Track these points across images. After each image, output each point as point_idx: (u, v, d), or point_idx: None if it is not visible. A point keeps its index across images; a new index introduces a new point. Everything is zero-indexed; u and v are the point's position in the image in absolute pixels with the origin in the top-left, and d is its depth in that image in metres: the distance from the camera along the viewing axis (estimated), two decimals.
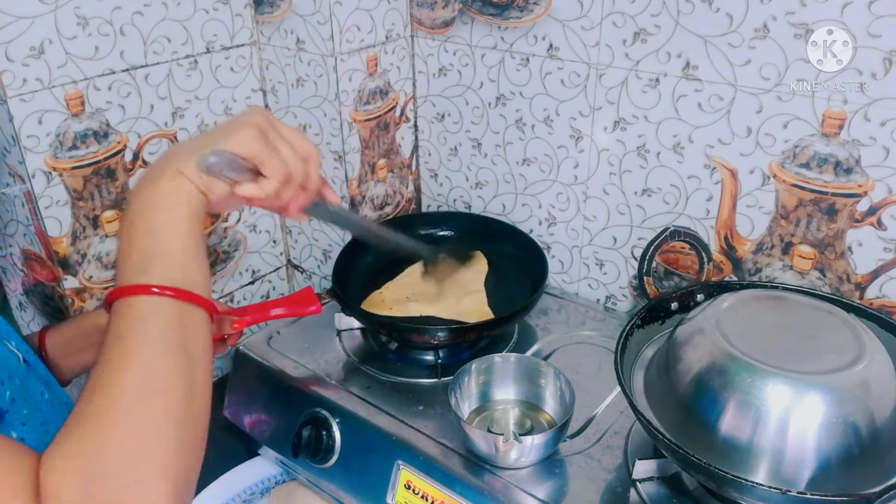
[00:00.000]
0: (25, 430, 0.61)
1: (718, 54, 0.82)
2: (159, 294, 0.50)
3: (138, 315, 0.50)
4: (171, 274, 0.51)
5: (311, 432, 0.85)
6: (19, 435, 0.60)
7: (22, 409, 0.61)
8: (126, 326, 0.50)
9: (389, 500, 0.79)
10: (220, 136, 0.55)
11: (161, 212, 0.53)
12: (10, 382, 0.61)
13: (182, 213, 0.53)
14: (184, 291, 0.51)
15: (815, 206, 0.81)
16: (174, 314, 0.51)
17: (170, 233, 0.53)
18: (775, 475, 0.62)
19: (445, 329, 0.88)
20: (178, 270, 0.52)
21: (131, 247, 0.52)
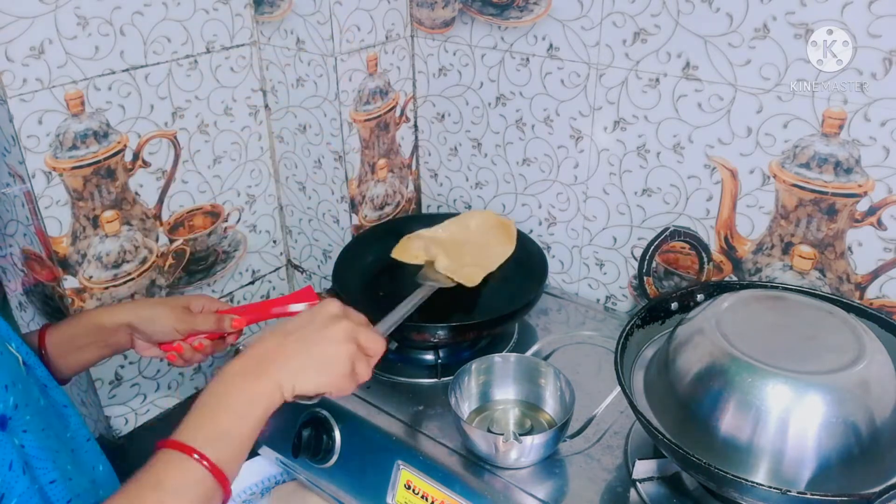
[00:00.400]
0: (27, 436, 0.61)
1: (718, 54, 0.82)
2: (210, 470, 0.56)
3: (188, 477, 0.56)
4: (225, 457, 0.58)
5: (311, 432, 0.85)
6: (20, 442, 0.60)
7: (25, 415, 0.61)
8: (174, 481, 0.55)
9: (389, 500, 0.79)
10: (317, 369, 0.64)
11: (250, 405, 0.60)
12: (13, 388, 0.61)
13: (262, 413, 0.61)
14: (224, 476, 0.58)
15: (815, 206, 0.81)
16: (208, 490, 0.57)
17: (247, 419, 0.60)
18: (775, 475, 0.62)
19: (445, 329, 0.88)
20: (234, 459, 0.59)
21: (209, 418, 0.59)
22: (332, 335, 0.65)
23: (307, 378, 0.63)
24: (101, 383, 1.03)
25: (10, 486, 0.57)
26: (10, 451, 0.58)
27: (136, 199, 1.00)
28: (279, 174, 1.20)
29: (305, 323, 0.66)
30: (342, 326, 0.66)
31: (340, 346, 0.65)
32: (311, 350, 0.64)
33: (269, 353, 0.64)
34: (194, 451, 0.56)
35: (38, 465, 0.61)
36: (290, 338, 0.65)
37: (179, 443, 0.57)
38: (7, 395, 0.59)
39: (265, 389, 0.61)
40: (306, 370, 0.63)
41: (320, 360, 0.64)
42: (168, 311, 0.80)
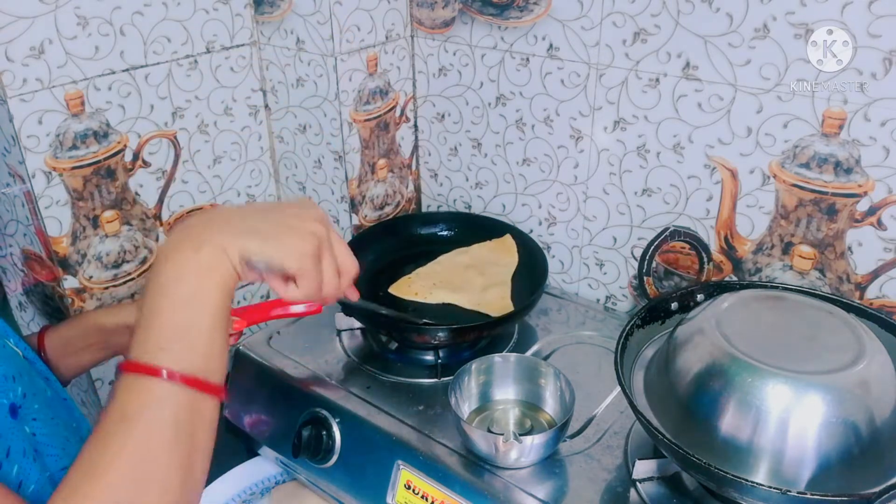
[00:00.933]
0: (37, 424, 0.61)
1: (718, 54, 0.82)
2: (179, 381, 0.48)
3: (150, 399, 0.47)
4: (191, 358, 0.48)
5: (311, 432, 0.85)
6: (31, 430, 0.61)
7: (33, 403, 0.62)
8: (134, 407, 0.47)
9: (389, 500, 0.79)
10: (273, 234, 0.53)
11: (195, 280, 0.50)
12: (20, 378, 0.61)
13: (216, 286, 0.51)
14: (201, 381, 0.48)
15: (815, 206, 0.81)
16: (186, 403, 0.48)
17: (200, 306, 0.50)
18: (775, 475, 0.62)
19: (445, 329, 0.88)
20: (200, 355, 0.49)
21: (156, 317, 0.49)
22: (300, 213, 0.56)
23: (261, 240, 0.52)
24: (101, 383, 1.03)
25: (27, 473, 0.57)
26: (22, 439, 0.58)
27: (136, 199, 1.00)
28: (279, 174, 1.20)
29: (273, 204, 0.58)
30: (316, 210, 0.58)
31: (305, 222, 0.55)
32: (272, 216, 0.54)
33: (208, 218, 0.53)
34: (150, 368, 0.47)
35: (48, 453, 0.62)
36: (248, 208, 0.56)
37: (130, 362, 0.48)
38: (15, 385, 0.60)
39: (208, 259, 0.50)
40: (260, 232, 0.53)
41: (281, 226, 0.54)
42: None
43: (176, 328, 0.49)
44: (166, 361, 0.48)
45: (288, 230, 0.54)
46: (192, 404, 0.48)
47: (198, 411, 0.49)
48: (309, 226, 0.55)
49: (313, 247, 0.55)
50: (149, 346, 0.48)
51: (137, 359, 0.48)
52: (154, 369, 0.47)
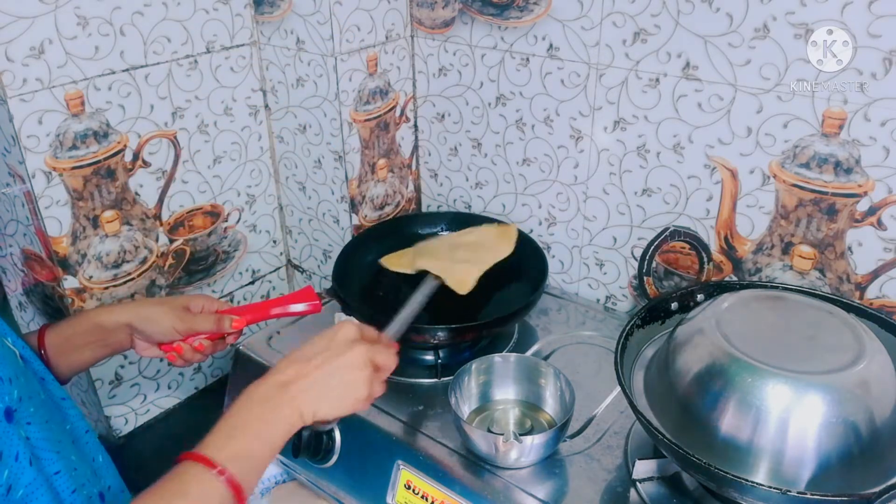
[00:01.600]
0: (31, 429, 0.61)
1: (718, 54, 0.82)
2: (229, 486, 0.58)
3: (210, 490, 0.58)
4: (246, 475, 0.60)
5: (311, 432, 0.85)
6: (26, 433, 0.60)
7: (29, 407, 0.62)
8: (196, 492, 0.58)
9: (389, 500, 0.79)
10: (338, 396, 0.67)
11: (274, 429, 0.64)
12: (17, 381, 0.61)
13: (282, 437, 0.64)
14: (242, 495, 0.59)
15: (815, 206, 0.81)
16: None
17: (269, 445, 0.63)
18: (775, 475, 0.62)
19: (445, 329, 0.88)
20: (253, 475, 0.62)
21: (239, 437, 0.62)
22: (350, 361, 0.67)
23: (327, 405, 0.66)
24: (101, 383, 1.03)
25: (17, 477, 0.58)
26: (16, 443, 0.58)
27: (136, 199, 1.00)
28: (279, 174, 1.20)
29: (323, 348, 0.68)
30: (359, 352, 0.68)
31: (358, 373, 0.67)
32: (330, 379, 0.66)
33: (291, 381, 0.66)
34: (219, 466, 0.58)
35: (43, 457, 0.62)
36: (310, 365, 0.66)
37: (205, 457, 0.59)
38: (11, 388, 0.60)
39: (286, 416, 0.64)
40: (326, 398, 0.66)
41: (340, 388, 0.67)
42: (168, 312, 0.80)
43: (248, 451, 0.61)
44: (234, 470, 0.59)
45: (346, 387, 0.67)
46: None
47: None
48: (360, 376, 0.67)
49: (367, 392, 0.68)
50: (223, 453, 0.60)
51: (213, 458, 0.59)
52: (222, 471, 0.58)
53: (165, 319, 0.79)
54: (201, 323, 0.81)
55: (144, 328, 0.80)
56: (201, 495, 0.58)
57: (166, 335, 0.80)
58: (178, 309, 0.81)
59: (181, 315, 0.80)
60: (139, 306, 0.82)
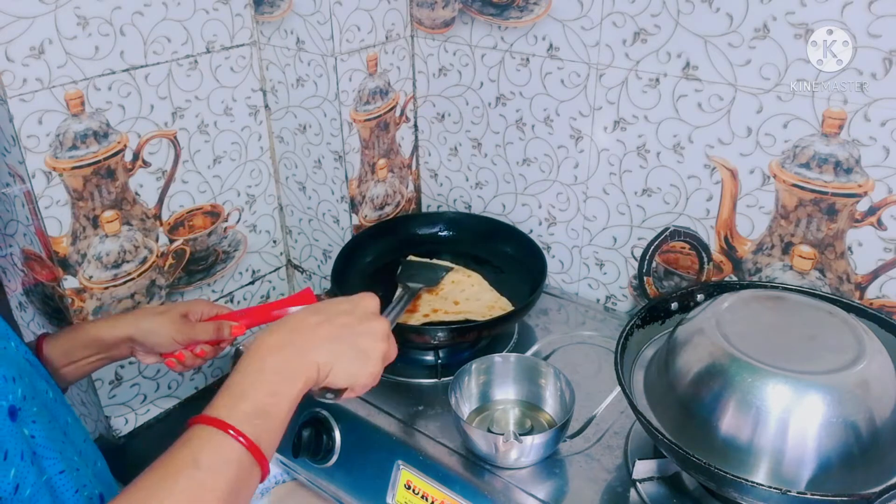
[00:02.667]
0: (36, 427, 0.61)
1: (718, 54, 0.82)
2: (248, 448, 0.53)
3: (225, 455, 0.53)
4: (266, 435, 0.55)
5: (311, 432, 0.85)
6: (30, 432, 0.61)
7: (32, 406, 0.62)
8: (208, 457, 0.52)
9: (389, 500, 0.79)
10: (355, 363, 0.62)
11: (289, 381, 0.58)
12: (20, 380, 0.61)
13: (299, 391, 0.59)
14: (262, 455, 0.55)
15: (815, 206, 0.81)
16: (246, 469, 0.54)
17: (286, 398, 0.58)
18: (775, 475, 0.62)
19: (445, 329, 0.88)
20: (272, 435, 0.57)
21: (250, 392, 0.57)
22: (373, 331, 0.64)
23: (342, 368, 0.61)
24: (101, 383, 1.03)
25: (24, 476, 0.58)
26: (20, 442, 0.58)
27: (136, 199, 1.00)
28: (279, 174, 1.20)
29: (348, 310, 0.64)
30: (383, 324, 0.65)
31: (378, 345, 0.64)
32: (352, 341, 0.62)
33: (309, 330, 0.61)
34: (231, 427, 0.53)
35: (46, 456, 0.62)
36: (336, 321, 0.62)
37: (216, 419, 0.54)
38: (15, 387, 0.60)
39: (303, 366, 0.59)
40: (346, 357, 0.62)
41: (358, 355, 0.62)
42: (168, 323, 0.80)
43: (262, 408, 0.56)
44: (249, 431, 0.54)
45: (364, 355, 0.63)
46: (250, 470, 0.54)
47: (250, 478, 0.55)
48: (378, 347, 0.64)
49: (380, 368, 0.64)
50: (235, 412, 0.55)
51: (224, 419, 0.54)
52: (237, 432, 0.53)
53: (166, 331, 0.79)
54: (201, 332, 0.81)
55: (145, 341, 0.80)
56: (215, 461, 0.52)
57: (167, 346, 0.80)
58: (177, 319, 0.80)
59: (181, 326, 0.80)
60: (139, 319, 0.81)
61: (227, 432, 0.53)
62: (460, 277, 1.03)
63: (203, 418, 0.54)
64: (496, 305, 0.96)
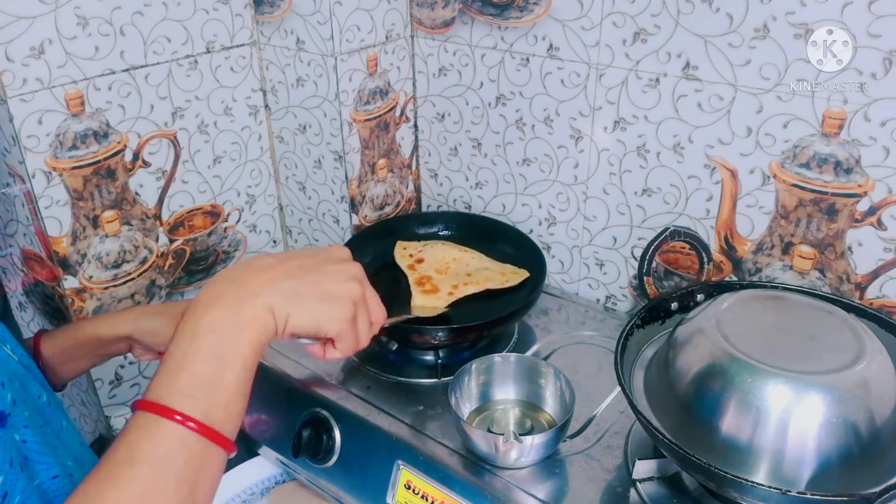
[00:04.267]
0: (28, 432, 0.61)
1: (718, 54, 0.82)
2: (196, 430, 0.47)
3: (164, 442, 0.46)
4: (213, 409, 0.48)
5: (311, 432, 0.85)
6: (21, 437, 0.60)
7: (23, 411, 0.61)
8: (146, 449, 0.46)
9: (389, 500, 0.79)
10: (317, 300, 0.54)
11: (232, 335, 0.49)
12: (10, 385, 0.61)
13: (251, 344, 0.50)
14: (216, 433, 0.47)
15: (815, 206, 0.81)
16: (197, 453, 0.47)
17: (232, 360, 0.49)
18: (775, 475, 0.62)
19: (446, 329, 0.88)
20: (222, 407, 0.48)
21: (185, 364, 0.49)
22: (339, 270, 0.56)
23: (305, 311, 0.52)
24: (101, 383, 1.03)
25: (13, 483, 0.57)
26: (10, 448, 0.58)
27: (136, 199, 1.00)
28: (279, 174, 1.20)
29: (308, 254, 0.56)
30: (353, 266, 0.57)
31: (347, 284, 0.55)
32: (314, 278, 0.54)
33: (254, 273, 0.52)
34: (168, 409, 0.46)
35: (39, 461, 0.61)
36: (290, 261, 0.54)
37: (150, 402, 0.47)
38: (4, 392, 0.59)
39: (252, 314, 0.50)
40: (305, 297, 0.53)
41: (323, 296, 0.54)
42: (168, 323, 0.79)
43: (203, 378, 0.48)
44: (187, 408, 0.47)
45: (330, 297, 0.54)
46: (203, 454, 0.47)
47: (206, 462, 0.48)
48: (348, 289, 0.56)
49: (352, 311, 0.56)
50: (172, 391, 0.47)
51: (158, 400, 0.47)
52: (174, 413, 0.46)
53: (166, 331, 0.79)
54: None
55: (144, 340, 0.79)
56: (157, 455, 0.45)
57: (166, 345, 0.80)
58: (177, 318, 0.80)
59: None
60: (139, 318, 0.81)
61: (166, 416, 0.46)
62: (460, 254, 1.05)
63: (140, 403, 0.48)
64: (507, 271, 1.01)
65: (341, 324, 0.55)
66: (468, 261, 1.04)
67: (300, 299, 0.52)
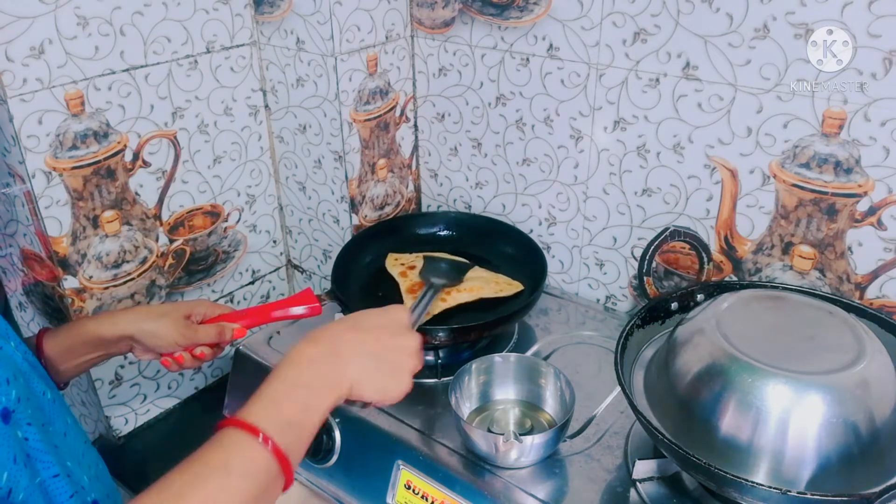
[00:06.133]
0: (31, 430, 0.61)
1: (718, 54, 0.82)
2: (276, 457, 0.53)
3: (256, 462, 0.53)
4: (295, 446, 0.56)
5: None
6: (24, 434, 0.60)
7: (27, 408, 0.61)
8: (239, 462, 0.52)
9: (389, 500, 0.79)
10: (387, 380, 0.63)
11: (321, 398, 0.59)
12: (15, 382, 0.61)
13: (330, 405, 0.60)
14: (290, 466, 0.55)
15: (815, 206, 0.81)
16: (274, 479, 0.54)
17: (318, 412, 0.58)
18: (775, 475, 0.62)
19: (446, 329, 0.88)
20: (300, 446, 0.57)
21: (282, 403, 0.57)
22: (406, 346, 0.65)
23: (373, 385, 0.62)
24: (101, 383, 1.03)
25: (17, 481, 0.57)
26: (13, 445, 0.58)
27: (136, 199, 1.00)
28: (279, 174, 1.20)
29: (382, 324, 0.65)
30: (415, 340, 0.66)
31: (411, 360, 0.65)
32: (387, 355, 0.63)
33: (346, 345, 0.62)
34: (265, 434, 0.53)
35: (41, 459, 0.61)
36: (369, 336, 0.63)
37: (250, 424, 0.54)
38: (9, 389, 0.59)
39: (338, 381, 0.60)
40: (375, 376, 0.62)
41: (392, 368, 0.63)
42: (171, 325, 0.79)
43: (295, 419, 0.57)
44: (280, 440, 0.54)
45: (397, 373, 0.64)
46: (276, 481, 0.54)
47: (275, 489, 0.54)
48: (411, 364, 0.65)
49: (410, 385, 0.65)
50: (270, 421, 0.55)
51: (256, 423, 0.54)
52: (267, 438, 0.53)
53: (169, 334, 0.79)
54: (203, 335, 0.81)
55: (146, 341, 0.80)
56: (246, 467, 0.52)
57: (168, 348, 0.80)
58: (180, 321, 0.80)
59: (183, 330, 0.80)
60: (141, 319, 0.81)
61: (260, 439, 0.53)
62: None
63: (237, 422, 0.54)
64: (500, 281, 0.99)
65: (396, 395, 0.64)
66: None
67: (375, 378, 0.62)
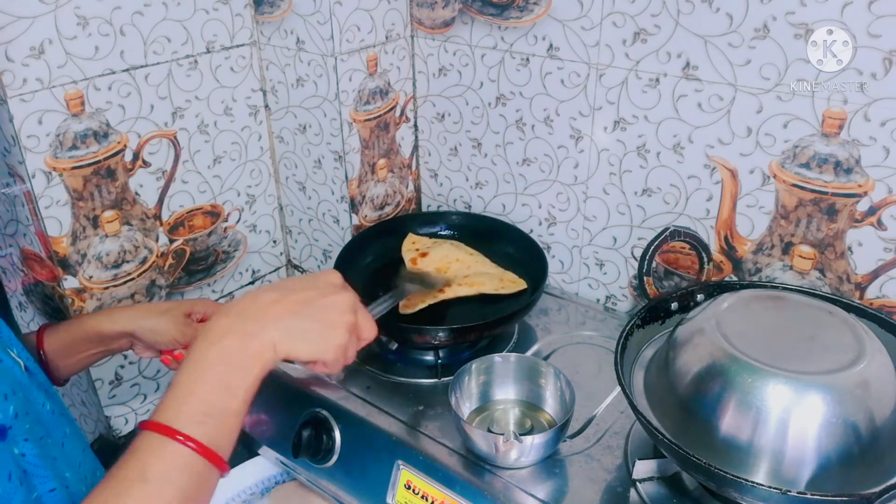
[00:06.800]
0: (27, 445, 0.60)
1: (718, 54, 0.82)
2: (199, 452, 0.51)
3: (174, 464, 0.50)
4: (219, 435, 0.52)
5: (311, 432, 0.85)
6: (20, 451, 0.60)
7: (24, 423, 0.61)
8: (157, 470, 0.50)
9: (389, 500, 0.79)
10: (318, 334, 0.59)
11: (239, 368, 0.55)
12: (13, 397, 0.60)
13: (255, 377, 0.55)
14: (218, 457, 0.52)
15: (815, 206, 0.81)
16: (201, 474, 0.52)
17: (238, 391, 0.54)
18: (775, 475, 0.62)
19: (446, 329, 0.88)
20: (225, 433, 0.53)
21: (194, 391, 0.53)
22: (336, 303, 0.61)
23: (304, 344, 0.58)
24: (101, 383, 1.03)
25: (10, 498, 0.57)
26: (8, 462, 0.57)
27: (136, 199, 1.00)
28: (279, 174, 1.20)
29: (307, 286, 0.62)
30: (346, 297, 0.63)
31: (343, 316, 0.61)
32: (314, 312, 0.60)
33: (262, 308, 0.58)
34: (178, 433, 0.51)
35: (37, 474, 0.61)
36: (293, 296, 0.59)
37: (161, 424, 0.51)
38: (7, 405, 0.59)
39: (257, 349, 0.55)
40: (305, 332, 0.59)
41: (321, 328, 0.60)
42: (170, 322, 0.80)
43: (212, 406, 0.53)
44: (198, 434, 0.51)
45: (328, 328, 0.60)
46: (205, 475, 0.52)
47: (206, 482, 0.52)
48: (344, 320, 0.61)
49: (346, 340, 0.62)
50: (181, 415, 0.52)
51: (168, 423, 0.51)
52: (184, 437, 0.50)
53: (168, 331, 0.79)
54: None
55: (147, 338, 0.80)
56: (164, 472, 0.49)
57: (168, 345, 0.80)
58: (180, 319, 0.80)
59: (183, 327, 0.80)
60: (142, 316, 0.81)
61: (176, 439, 0.50)
62: (465, 256, 1.04)
63: (150, 424, 0.51)
64: (506, 278, 1.00)
65: (335, 352, 0.61)
66: (471, 263, 1.03)
67: (301, 335, 0.59)
